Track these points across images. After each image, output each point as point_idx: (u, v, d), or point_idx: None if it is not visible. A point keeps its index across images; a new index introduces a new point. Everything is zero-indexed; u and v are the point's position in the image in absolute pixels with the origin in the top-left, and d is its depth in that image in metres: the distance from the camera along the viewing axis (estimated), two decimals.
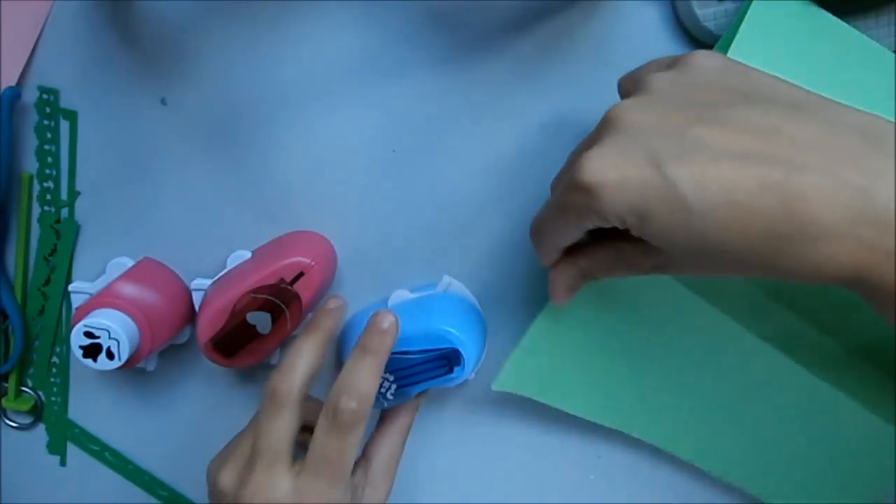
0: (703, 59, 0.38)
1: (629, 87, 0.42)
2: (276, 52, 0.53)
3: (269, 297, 0.49)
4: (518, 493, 0.60)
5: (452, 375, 0.50)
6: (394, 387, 0.50)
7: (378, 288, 0.56)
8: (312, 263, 0.49)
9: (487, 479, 0.60)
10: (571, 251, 0.44)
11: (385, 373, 0.49)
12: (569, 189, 0.37)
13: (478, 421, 0.59)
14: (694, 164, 0.33)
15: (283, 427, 0.45)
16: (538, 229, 0.44)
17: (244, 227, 0.56)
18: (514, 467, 0.60)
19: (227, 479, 0.46)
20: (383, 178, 0.55)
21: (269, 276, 0.49)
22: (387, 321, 0.46)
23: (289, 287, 0.49)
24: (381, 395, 0.50)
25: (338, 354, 0.57)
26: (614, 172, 0.35)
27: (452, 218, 0.55)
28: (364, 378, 0.45)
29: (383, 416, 0.53)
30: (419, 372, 0.50)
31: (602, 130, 0.37)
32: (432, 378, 0.50)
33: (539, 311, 0.52)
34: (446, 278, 0.55)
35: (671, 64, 0.39)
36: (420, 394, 0.52)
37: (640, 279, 0.44)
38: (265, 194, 0.55)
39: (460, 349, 0.49)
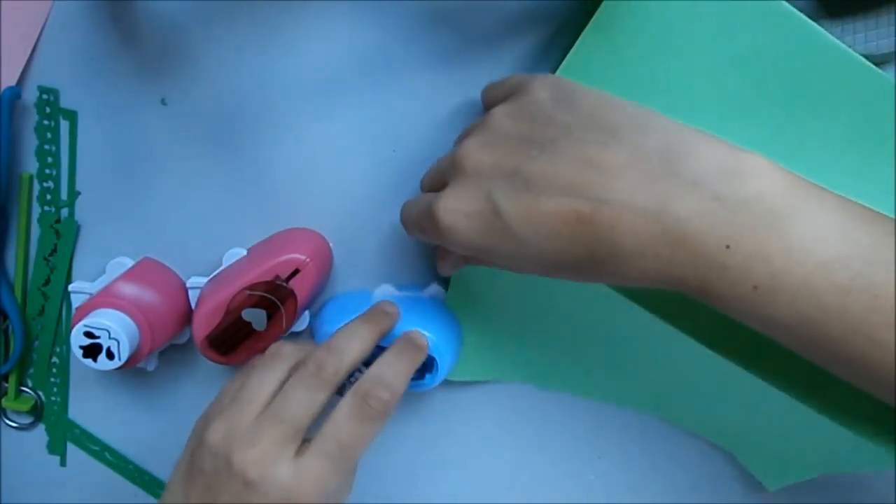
0: (538, 89, 0.42)
1: (487, 107, 0.48)
2: (275, 52, 0.53)
3: (265, 294, 0.49)
4: (518, 493, 0.60)
5: (423, 381, 0.51)
6: None
7: (374, 286, 0.56)
8: (308, 260, 0.49)
9: (487, 478, 0.60)
10: None
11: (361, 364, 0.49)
12: (427, 220, 0.42)
13: (476, 421, 0.59)
14: (523, 202, 0.38)
15: (316, 401, 0.44)
16: (406, 224, 0.48)
17: (243, 226, 0.56)
18: (514, 467, 0.60)
19: (219, 435, 0.44)
20: (383, 177, 0.55)
21: (264, 273, 0.49)
22: (421, 339, 0.50)
23: (284, 284, 0.49)
24: (348, 384, 0.50)
25: (311, 334, 0.57)
26: (463, 219, 0.40)
27: None
28: (398, 375, 0.47)
29: None
30: None
31: (452, 170, 0.42)
32: None
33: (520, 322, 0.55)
34: (434, 286, 0.55)
35: (511, 91, 0.44)
36: None
37: None
38: (265, 193, 0.55)
39: (437, 359, 0.50)
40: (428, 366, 0.50)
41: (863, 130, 0.46)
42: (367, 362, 0.48)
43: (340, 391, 0.46)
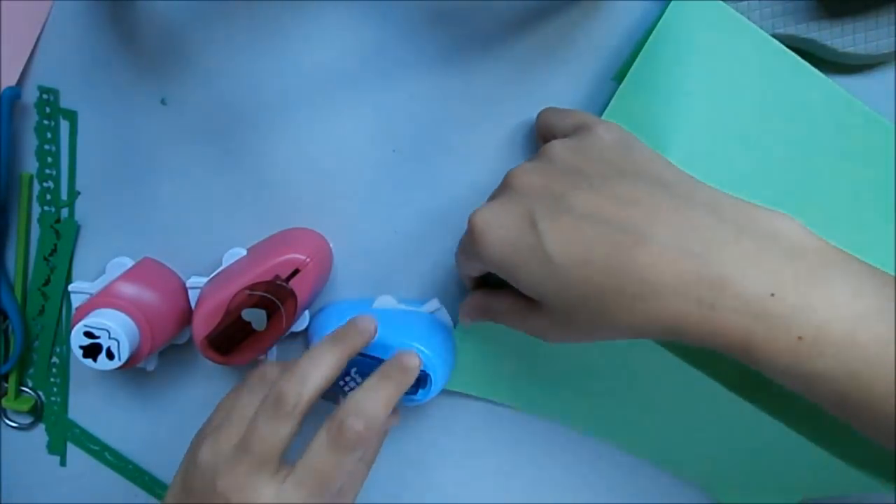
0: (603, 132, 0.43)
1: (542, 130, 0.50)
2: (275, 52, 0.53)
3: (265, 294, 0.48)
4: (518, 492, 0.60)
5: (416, 396, 0.51)
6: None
7: (372, 288, 0.56)
8: (308, 260, 0.49)
9: (487, 478, 0.60)
10: (487, 285, 0.49)
11: (352, 371, 0.50)
12: (467, 233, 0.44)
13: (476, 422, 0.59)
14: (561, 222, 0.39)
15: (281, 435, 0.43)
16: (456, 255, 0.49)
17: (243, 226, 0.56)
18: (513, 467, 0.60)
19: (207, 456, 0.44)
20: (383, 178, 0.55)
21: (264, 273, 0.49)
22: (413, 361, 0.46)
23: (284, 284, 0.48)
24: (339, 390, 0.50)
25: (308, 339, 0.57)
26: (497, 226, 0.41)
27: (450, 220, 0.55)
28: (377, 404, 0.44)
29: None
30: None
31: (501, 188, 0.44)
32: None
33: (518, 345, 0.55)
34: (435, 302, 0.55)
35: (576, 130, 0.45)
36: (391, 416, 0.51)
37: None
38: (265, 193, 0.55)
39: (431, 375, 0.50)
40: (421, 381, 0.50)
41: (867, 175, 0.49)
42: (365, 373, 0.47)
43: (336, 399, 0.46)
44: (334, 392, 0.49)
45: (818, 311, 0.35)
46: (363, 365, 0.50)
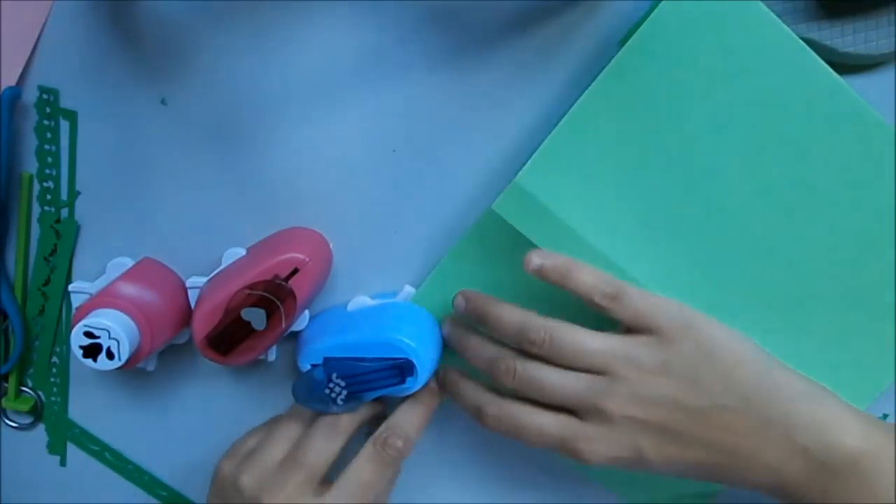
0: (682, 344, 0.47)
1: (581, 291, 0.48)
2: (275, 52, 0.53)
3: (264, 293, 0.48)
4: (517, 491, 0.60)
5: (405, 385, 0.50)
6: (345, 392, 0.50)
7: (372, 287, 0.56)
8: (307, 260, 0.49)
9: (486, 477, 0.60)
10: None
11: (336, 378, 0.50)
12: (560, 446, 0.47)
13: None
14: (668, 452, 0.46)
15: (332, 450, 0.51)
16: (450, 337, 0.54)
17: (243, 226, 0.56)
18: (511, 466, 0.60)
19: (250, 480, 0.50)
20: (382, 178, 0.55)
21: (263, 273, 0.49)
22: (434, 382, 0.54)
23: (283, 283, 0.48)
24: (330, 400, 0.51)
25: (295, 354, 0.56)
26: (605, 455, 0.46)
27: (450, 219, 0.55)
28: (414, 424, 0.52)
29: None
30: (372, 380, 0.50)
31: (595, 413, 0.46)
32: (384, 387, 0.50)
33: None
34: (408, 288, 0.55)
35: (651, 335, 0.47)
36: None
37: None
38: (265, 193, 0.55)
39: (414, 360, 0.50)
40: (407, 370, 0.50)
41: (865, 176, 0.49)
42: (346, 376, 0.51)
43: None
44: (324, 401, 0.50)
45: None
46: (343, 368, 0.50)
